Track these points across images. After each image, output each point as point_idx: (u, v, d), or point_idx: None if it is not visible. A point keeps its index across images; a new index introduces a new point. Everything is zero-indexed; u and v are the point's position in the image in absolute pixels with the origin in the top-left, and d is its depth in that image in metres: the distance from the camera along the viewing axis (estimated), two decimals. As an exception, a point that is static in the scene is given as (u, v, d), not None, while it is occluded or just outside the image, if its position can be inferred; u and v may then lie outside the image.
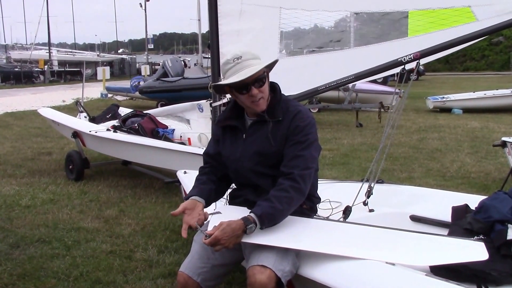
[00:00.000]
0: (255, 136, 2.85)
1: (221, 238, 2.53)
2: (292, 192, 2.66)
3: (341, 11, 3.89)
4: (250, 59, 2.76)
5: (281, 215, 2.67)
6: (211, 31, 4.06)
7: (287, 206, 2.66)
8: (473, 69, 47.74)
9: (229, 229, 2.54)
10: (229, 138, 2.96)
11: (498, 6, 3.36)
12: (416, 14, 3.65)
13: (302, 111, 2.83)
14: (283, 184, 2.68)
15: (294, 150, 2.74)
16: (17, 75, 37.92)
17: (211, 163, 3.05)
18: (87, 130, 7.44)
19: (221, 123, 3.00)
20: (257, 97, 2.78)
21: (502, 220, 2.88)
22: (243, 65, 2.74)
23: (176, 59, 20.77)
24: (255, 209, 2.63)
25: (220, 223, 2.58)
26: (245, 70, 2.72)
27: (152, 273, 4.28)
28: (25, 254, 4.72)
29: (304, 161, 2.73)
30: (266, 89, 2.81)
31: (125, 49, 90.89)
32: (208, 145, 3.16)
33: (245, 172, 2.89)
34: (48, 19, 45.74)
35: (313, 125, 2.82)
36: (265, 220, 2.60)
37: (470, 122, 13.85)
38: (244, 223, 2.56)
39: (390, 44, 3.77)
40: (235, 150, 2.91)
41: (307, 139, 2.76)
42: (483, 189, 6.65)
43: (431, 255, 2.56)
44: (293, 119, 2.79)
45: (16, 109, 18.54)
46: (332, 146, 10.40)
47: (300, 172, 2.70)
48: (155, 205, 6.36)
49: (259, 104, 2.80)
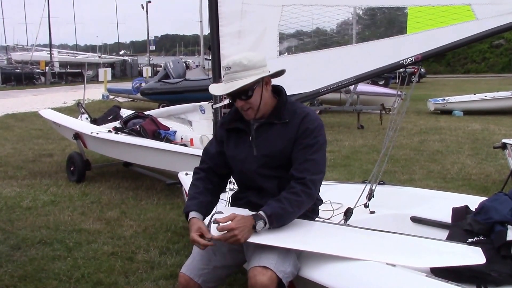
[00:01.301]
0: (261, 138, 2.85)
1: (236, 228, 2.53)
2: (303, 197, 2.67)
3: (340, 6, 3.86)
4: (238, 71, 2.73)
5: (289, 217, 2.68)
6: (211, 32, 4.03)
7: (297, 209, 2.68)
8: (474, 72, 47.77)
9: (243, 221, 2.55)
10: (234, 140, 2.94)
11: (499, 6, 3.33)
12: (415, 10, 3.60)
13: (310, 113, 2.83)
14: (295, 187, 2.68)
15: (305, 154, 2.73)
16: (18, 76, 38.00)
17: (208, 164, 3.01)
18: (89, 132, 7.45)
19: (226, 125, 2.99)
20: (243, 108, 2.79)
21: (502, 221, 2.89)
22: (230, 76, 2.75)
23: (178, 60, 20.75)
24: (265, 208, 2.63)
25: (232, 214, 2.58)
26: (229, 84, 2.74)
27: (154, 275, 4.29)
28: (26, 255, 4.73)
29: (315, 165, 2.73)
30: (254, 100, 2.78)
31: (126, 51, 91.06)
32: (209, 143, 3.13)
33: (250, 174, 2.89)
34: (49, 20, 45.77)
35: (322, 127, 2.83)
36: (274, 220, 2.61)
37: (471, 124, 13.86)
38: (254, 218, 2.57)
39: (389, 41, 3.72)
40: (240, 152, 2.90)
41: (317, 142, 2.76)
42: (483, 191, 6.66)
43: (431, 257, 2.58)
44: (302, 122, 2.78)
45: (17, 111, 18.57)
46: (334, 148, 10.41)
47: (312, 177, 2.70)
48: (156, 206, 6.37)
49: (247, 114, 2.82)
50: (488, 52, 48.55)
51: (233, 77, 2.73)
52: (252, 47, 3.94)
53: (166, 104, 15.55)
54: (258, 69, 2.75)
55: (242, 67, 2.73)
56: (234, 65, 2.74)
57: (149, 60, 46.98)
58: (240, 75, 2.72)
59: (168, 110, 8.78)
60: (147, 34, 48.81)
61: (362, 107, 14.25)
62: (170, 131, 7.42)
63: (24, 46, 59.74)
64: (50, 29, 46.23)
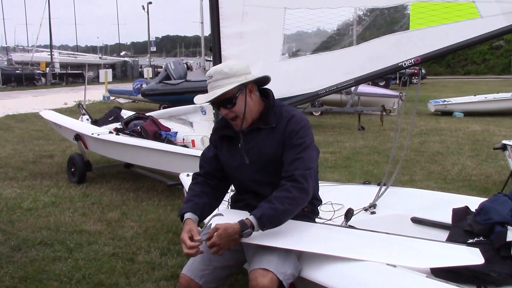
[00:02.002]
0: (251, 145, 2.85)
1: (218, 243, 2.55)
2: (294, 192, 2.65)
3: (344, 7, 3.83)
4: (219, 79, 2.75)
5: (283, 215, 2.65)
6: (212, 34, 4.02)
7: (289, 206, 2.64)
8: (474, 73, 47.80)
9: (225, 234, 2.55)
10: (226, 147, 2.96)
11: (504, 4, 3.26)
12: (418, 6, 3.53)
13: (296, 115, 2.83)
14: (284, 185, 2.68)
15: (293, 154, 2.73)
16: (19, 77, 38.04)
17: (206, 168, 3.03)
18: (90, 133, 7.45)
19: (218, 132, 3.01)
20: (228, 117, 2.81)
21: (502, 222, 2.89)
22: (212, 85, 2.78)
23: (179, 61, 20.75)
24: (255, 211, 2.63)
25: (215, 227, 2.58)
26: (211, 92, 2.76)
27: (155, 276, 4.29)
28: (27, 256, 4.73)
29: (303, 163, 2.72)
30: (238, 108, 2.79)
31: (127, 52, 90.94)
32: (207, 148, 3.15)
33: (245, 181, 2.92)
34: (50, 21, 45.91)
35: (308, 127, 2.82)
36: (266, 221, 2.59)
37: (471, 125, 13.86)
38: (240, 227, 2.56)
39: (391, 39, 3.66)
40: (233, 159, 2.91)
41: (303, 142, 2.75)
42: (484, 192, 6.66)
43: (432, 258, 2.59)
44: (288, 124, 2.78)
45: (17, 112, 18.59)
46: (334, 149, 10.42)
47: (301, 172, 2.69)
48: (157, 207, 6.37)
49: (236, 125, 2.84)
50: (488, 53, 48.59)
51: (214, 85, 2.77)
52: (254, 49, 3.94)
53: (167, 105, 15.59)
54: (239, 76, 2.77)
55: (223, 75, 2.76)
56: (215, 74, 2.77)
57: (150, 61, 46.99)
58: (221, 83, 2.75)
59: (169, 111, 8.78)
60: (148, 35, 48.85)
61: (363, 108, 14.25)
62: (171, 132, 7.42)
63: (24, 47, 59.89)
64: (50, 30, 46.39)
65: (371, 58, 3.70)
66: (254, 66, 3.01)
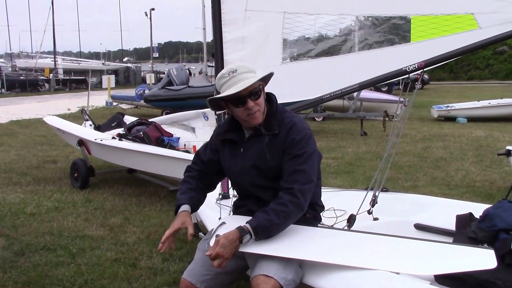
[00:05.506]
0: (252, 150, 2.85)
1: (222, 253, 2.54)
2: (290, 207, 2.65)
3: (343, 14, 3.87)
4: (244, 72, 2.76)
5: (276, 228, 2.66)
6: (215, 39, 4.05)
7: (283, 220, 2.65)
8: (477, 78, 47.67)
9: (227, 242, 2.56)
10: (228, 151, 2.96)
11: (501, 15, 3.34)
12: (418, 20, 3.62)
13: (297, 123, 2.81)
14: (282, 198, 2.67)
15: (293, 165, 2.72)
16: (23, 83, 38.13)
17: (200, 167, 3.07)
18: (93, 138, 7.47)
19: (220, 136, 2.99)
20: (253, 110, 2.76)
21: (506, 229, 2.88)
22: (238, 78, 2.74)
23: (181, 67, 20.80)
24: (251, 220, 2.64)
25: (216, 241, 2.59)
26: (240, 83, 2.72)
27: (157, 281, 4.29)
28: (30, 261, 4.73)
29: (303, 176, 2.71)
30: (262, 102, 2.80)
31: (130, 58, 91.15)
32: (203, 147, 3.13)
33: (246, 186, 2.92)
34: (53, 28, 46.13)
35: (309, 136, 2.79)
36: (260, 232, 2.61)
37: (475, 131, 13.82)
38: (239, 233, 2.58)
39: (393, 50, 3.73)
40: (234, 164, 2.91)
41: (304, 152, 2.74)
42: (488, 198, 6.64)
43: (436, 264, 2.56)
44: (289, 132, 2.77)
45: (21, 117, 18.64)
46: (337, 154, 10.40)
47: (300, 187, 2.68)
48: (160, 213, 6.37)
49: (256, 117, 2.79)
50: (492, 58, 48.46)
51: (240, 78, 2.74)
52: (256, 53, 3.95)
53: (169, 111, 15.61)
54: (256, 73, 2.83)
55: (247, 69, 2.79)
56: (240, 68, 2.77)
57: (152, 67, 47.05)
58: (248, 75, 2.75)
59: (172, 117, 8.80)
60: (150, 41, 48.93)
61: (365, 114, 14.25)
62: (173, 138, 7.43)
63: (28, 53, 60.12)
64: (54, 36, 46.63)
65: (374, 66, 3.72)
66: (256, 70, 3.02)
